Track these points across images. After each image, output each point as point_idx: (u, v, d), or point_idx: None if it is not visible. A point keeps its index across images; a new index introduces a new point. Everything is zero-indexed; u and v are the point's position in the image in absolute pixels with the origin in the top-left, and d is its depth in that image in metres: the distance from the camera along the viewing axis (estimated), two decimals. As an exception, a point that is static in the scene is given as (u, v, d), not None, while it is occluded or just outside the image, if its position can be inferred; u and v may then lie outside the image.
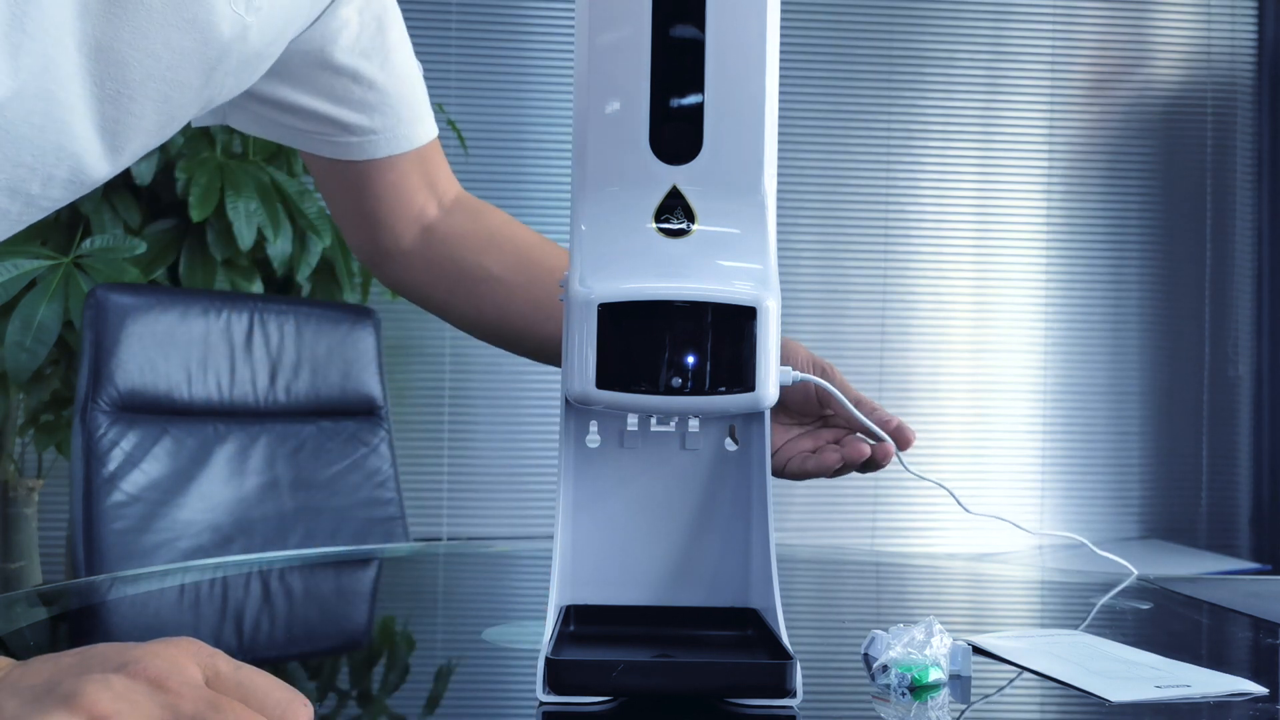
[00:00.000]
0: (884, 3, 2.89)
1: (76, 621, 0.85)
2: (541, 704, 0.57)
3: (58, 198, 0.69)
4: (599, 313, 0.57)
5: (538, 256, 0.92)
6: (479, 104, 2.78)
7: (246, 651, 0.77)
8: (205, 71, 0.69)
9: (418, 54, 0.92)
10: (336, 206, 0.94)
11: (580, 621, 0.65)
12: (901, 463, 0.81)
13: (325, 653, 0.77)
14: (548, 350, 0.90)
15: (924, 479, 0.83)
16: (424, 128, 0.91)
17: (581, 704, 0.56)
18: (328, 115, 0.86)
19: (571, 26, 2.85)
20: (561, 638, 0.61)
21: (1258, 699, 0.61)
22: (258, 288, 2.16)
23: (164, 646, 0.41)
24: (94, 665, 0.41)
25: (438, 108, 2.55)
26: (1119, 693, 0.61)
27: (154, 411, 1.56)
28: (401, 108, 0.88)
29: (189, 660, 0.41)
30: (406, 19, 0.93)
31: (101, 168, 0.69)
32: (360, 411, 1.72)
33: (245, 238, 2.07)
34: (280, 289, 2.23)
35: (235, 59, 0.71)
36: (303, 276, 2.20)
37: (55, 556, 2.59)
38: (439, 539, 2.73)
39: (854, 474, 0.83)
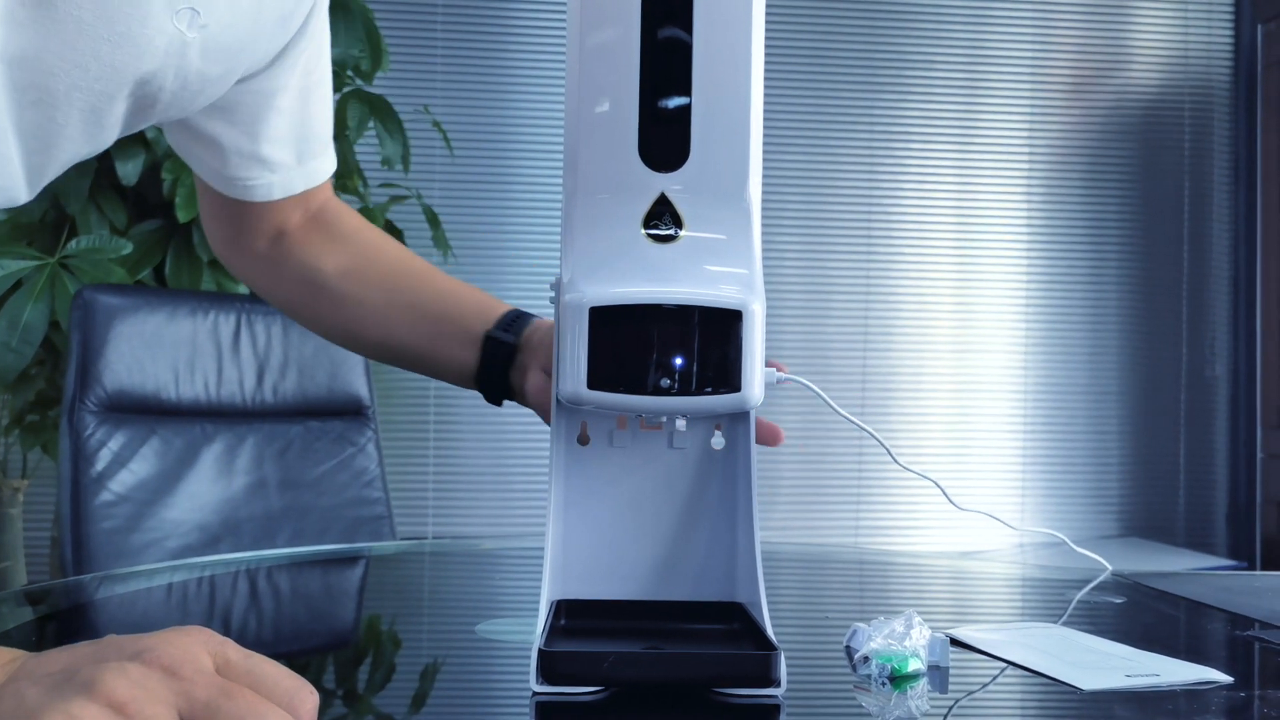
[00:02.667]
0: (865, 7, 2.92)
1: (64, 621, 0.86)
2: (535, 694, 0.58)
3: None
4: (590, 316, 0.59)
5: (372, 256, 0.92)
6: (464, 105, 2.79)
7: (236, 650, 0.78)
8: (137, 86, 0.68)
9: (404, 56, 0.93)
10: (206, 206, 0.93)
11: (571, 615, 0.66)
12: (893, 458, 0.83)
13: (316, 650, 0.78)
14: (387, 349, 0.90)
15: (918, 474, 0.85)
16: (327, 161, 0.90)
17: (574, 694, 0.58)
18: (256, 154, 0.84)
19: (556, 29, 2.87)
20: (554, 630, 0.62)
21: (1223, 687, 0.63)
22: (244, 288, 2.17)
23: (176, 635, 0.43)
24: (109, 654, 0.42)
25: (424, 109, 2.56)
26: (1090, 681, 0.63)
27: (141, 412, 1.57)
28: (308, 143, 0.86)
29: (200, 649, 0.42)
30: (393, 21, 0.94)
31: (20, 179, 0.68)
32: (347, 411, 1.73)
33: (232, 239, 2.07)
34: (267, 290, 2.24)
35: (172, 77, 0.69)
36: (289, 277, 2.20)
37: (40, 557, 2.59)
38: (424, 538, 2.74)
39: (841, 471, 0.86)
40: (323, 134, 0.88)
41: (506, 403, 0.87)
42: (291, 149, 0.86)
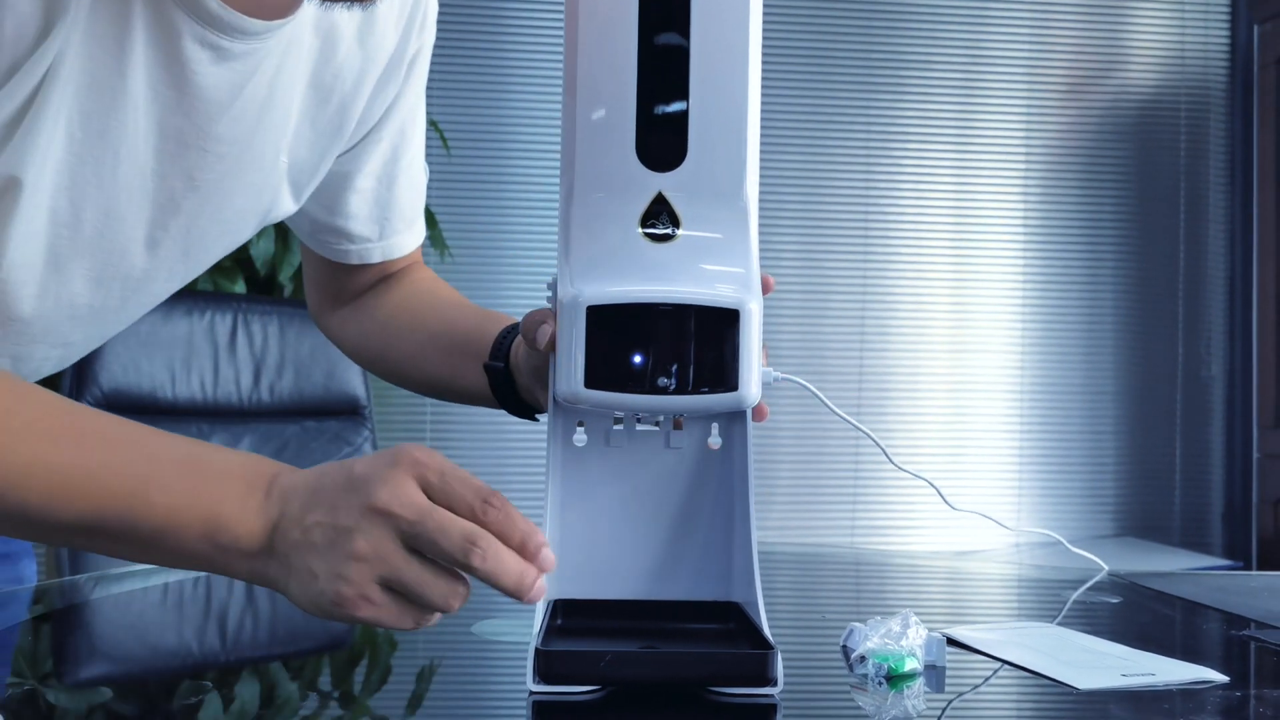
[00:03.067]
0: (863, 7, 2.92)
1: (60, 621, 0.86)
2: (532, 694, 0.58)
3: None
4: (588, 315, 0.59)
5: (409, 299, 0.95)
6: (461, 105, 2.79)
7: (231, 651, 0.78)
8: (263, 216, 0.79)
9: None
10: (307, 271, 0.99)
11: (568, 615, 0.66)
12: (889, 458, 0.82)
13: (313, 651, 0.78)
14: (433, 387, 0.93)
15: (914, 474, 0.85)
16: (413, 235, 0.94)
17: (570, 693, 0.58)
18: (333, 226, 0.90)
19: (554, 28, 2.86)
20: (550, 630, 0.62)
21: (1219, 686, 0.63)
22: (240, 288, 2.16)
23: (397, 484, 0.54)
24: (353, 507, 0.54)
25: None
26: (1087, 681, 0.63)
27: (138, 411, 1.57)
28: (391, 222, 0.91)
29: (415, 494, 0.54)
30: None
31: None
32: (344, 411, 1.73)
33: (228, 238, 2.07)
34: (263, 289, 2.24)
35: (282, 198, 0.80)
36: (285, 277, 2.20)
37: (35, 556, 2.58)
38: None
39: (838, 471, 0.86)
40: (408, 214, 0.92)
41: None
42: (374, 225, 0.90)
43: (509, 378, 0.81)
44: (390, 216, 0.91)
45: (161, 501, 0.56)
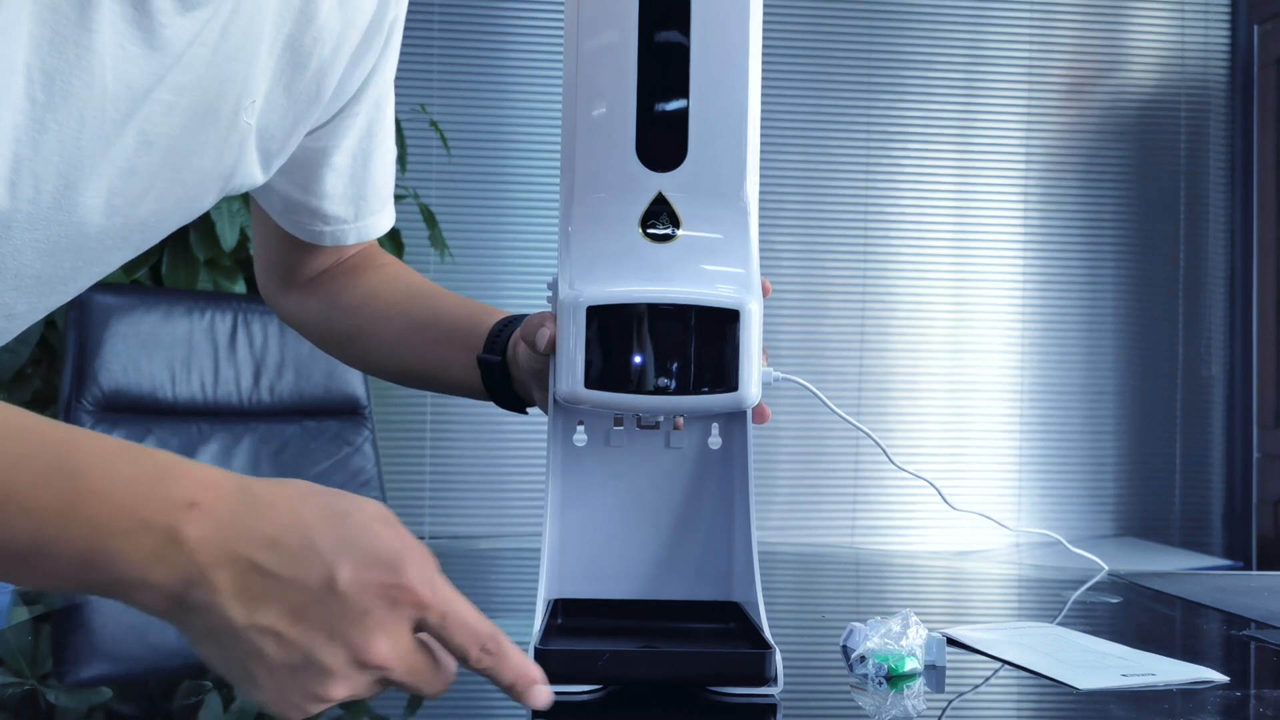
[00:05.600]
0: (863, 7, 2.92)
1: (60, 621, 0.86)
2: (531, 694, 0.58)
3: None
4: (587, 315, 0.59)
5: (383, 286, 0.94)
6: (461, 105, 2.79)
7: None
8: (224, 181, 0.74)
9: (401, 56, 0.93)
10: (262, 248, 0.96)
11: (568, 614, 0.66)
12: (889, 458, 0.82)
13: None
14: (407, 375, 0.91)
15: (914, 474, 0.85)
16: (386, 216, 0.92)
17: (570, 693, 0.58)
18: (308, 205, 0.87)
19: (554, 28, 2.86)
20: (550, 629, 0.62)
21: (1219, 686, 0.64)
22: (240, 288, 2.16)
23: (390, 618, 0.50)
24: (332, 643, 0.48)
25: (420, 108, 2.56)
26: (1087, 681, 0.63)
27: (138, 411, 1.57)
28: (366, 201, 0.89)
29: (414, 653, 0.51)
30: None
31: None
32: (344, 411, 1.73)
33: (228, 238, 2.07)
34: (263, 289, 2.24)
35: (247, 163, 0.75)
36: (286, 277, 2.20)
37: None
38: (421, 538, 2.73)
39: (838, 471, 0.86)
40: (383, 193, 0.90)
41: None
42: (350, 205, 0.88)
43: (505, 372, 0.80)
44: (366, 195, 0.88)
45: (21, 522, 0.45)
